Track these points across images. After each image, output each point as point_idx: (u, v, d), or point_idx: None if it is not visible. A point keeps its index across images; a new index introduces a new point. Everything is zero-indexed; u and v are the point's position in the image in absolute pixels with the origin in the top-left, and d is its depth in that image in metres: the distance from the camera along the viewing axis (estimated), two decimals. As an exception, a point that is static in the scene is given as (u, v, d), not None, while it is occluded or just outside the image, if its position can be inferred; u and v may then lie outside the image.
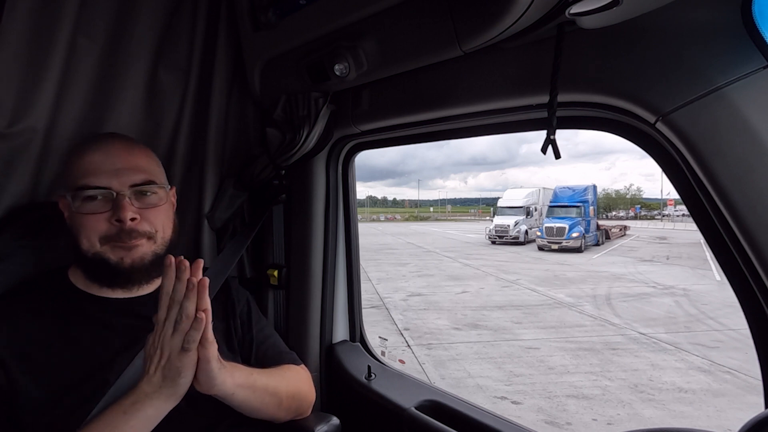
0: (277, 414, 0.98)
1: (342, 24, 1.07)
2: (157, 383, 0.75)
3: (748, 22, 0.65)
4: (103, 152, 0.85)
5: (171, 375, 0.75)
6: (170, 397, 0.76)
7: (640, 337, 7.19)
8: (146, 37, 1.29)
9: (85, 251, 0.86)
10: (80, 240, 0.85)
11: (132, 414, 0.74)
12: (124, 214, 0.82)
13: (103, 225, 0.83)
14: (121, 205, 0.82)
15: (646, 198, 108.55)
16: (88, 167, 0.84)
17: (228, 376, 0.81)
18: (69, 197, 0.84)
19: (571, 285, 11.50)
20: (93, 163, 0.84)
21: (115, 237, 0.84)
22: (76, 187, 0.82)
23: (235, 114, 1.51)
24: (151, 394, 0.75)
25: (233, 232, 1.50)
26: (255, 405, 0.90)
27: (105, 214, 0.83)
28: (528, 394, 5.15)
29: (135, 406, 0.74)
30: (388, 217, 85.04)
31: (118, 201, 0.83)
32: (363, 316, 1.67)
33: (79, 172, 0.83)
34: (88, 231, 0.83)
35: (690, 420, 4.52)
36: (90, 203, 0.83)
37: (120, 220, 0.83)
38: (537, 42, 0.89)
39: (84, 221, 0.83)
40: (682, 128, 0.71)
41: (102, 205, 0.83)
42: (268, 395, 0.92)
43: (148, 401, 0.75)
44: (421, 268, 14.62)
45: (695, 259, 16.20)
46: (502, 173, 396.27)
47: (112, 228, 0.83)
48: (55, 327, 0.86)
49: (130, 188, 0.85)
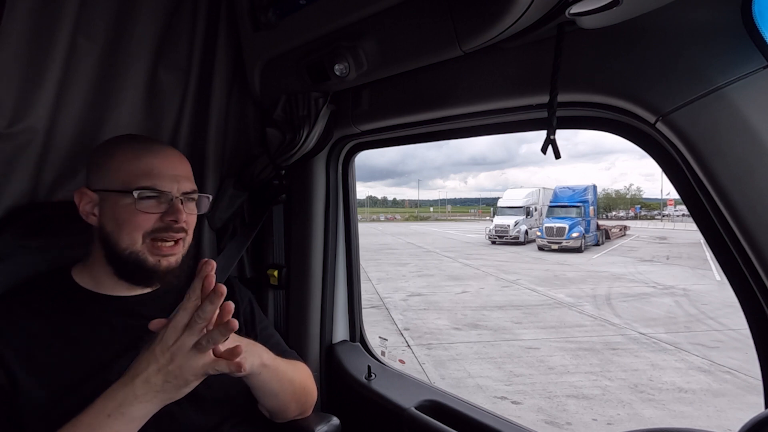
0: (289, 403, 0.99)
1: (342, 24, 1.07)
2: (157, 386, 0.74)
3: (748, 22, 0.65)
4: (163, 158, 0.91)
5: (176, 383, 0.74)
6: (165, 401, 0.75)
7: (640, 337, 7.19)
8: (146, 37, 1.29)
9: (123, 248, 0.87)
10: (121, 236, 0.87)
11: (117, 417, 0.72)
12: (182, 217, 0.89)
13: (151, 222, 0.88)
14: (178, 209, 0.89)
15: (646, 198, 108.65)
16: (151, 170, 0.88)
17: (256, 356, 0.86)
18: (135, 194, 0.86)
19: (571, 285, 11.50)
20: (156, 167, 0.88)
21: (161, 231, 0.88)
22: (139, 186, 0.86)
23: (235, 114, 1.51)
24: (143, 396, 0.73)
25: (233, 232, 1.50)
26: (275, 388, 0.92)
27: (157, 215, 0.88)
28: (528, 394, 5.15)
29: (120, 409, 0.72)
30: (388, 217, 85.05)
31: (175, 205, 0.89)
32: (363, 316, 1.67)
33: (140, 172, 0.87)
34: (135, 227, 0.86)
35: (690, 420, 4.52)
36: (147, 202, 0.87)
37: (175, 221, 0.88)
38: (537, 42, 0.89)
39: (136, 217, 0.86)
40: (682, 128, 0.71)
41: (156, 205, 0.88)
42: (287, 381, 0.95)
43: (137, 404, 0.73)
44: (421, 268, 14.62)
45: (695, 259, 16.20)
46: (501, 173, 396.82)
47: (160, 224, 0.88)
48: (57, 326, 0.86)
49: (182, 195, 0.91)
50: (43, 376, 0.81)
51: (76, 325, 0.87)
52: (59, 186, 1.17)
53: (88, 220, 0.91)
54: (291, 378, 0.97)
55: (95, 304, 0.91)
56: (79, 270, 0.95)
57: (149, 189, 0.87)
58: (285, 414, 1.01)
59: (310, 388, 1.07)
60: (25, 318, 0.85)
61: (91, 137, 1.22)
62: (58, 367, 0.82)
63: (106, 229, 0.89)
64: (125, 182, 0.87)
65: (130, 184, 0.87)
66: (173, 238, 0.90)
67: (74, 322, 0.87)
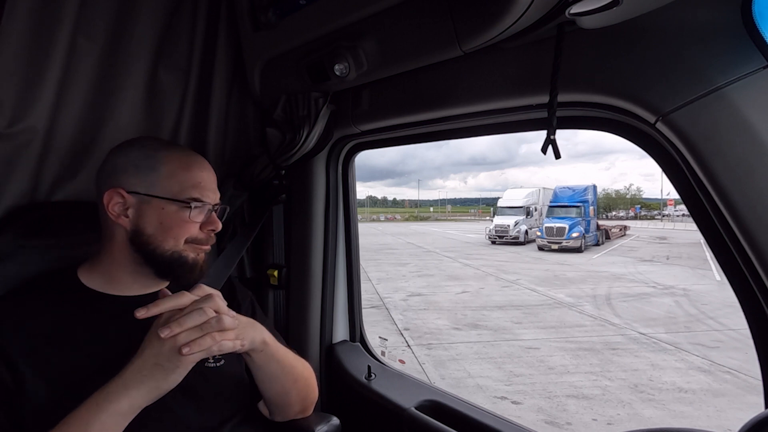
0: (291, 392, 0.99)
1: (342, 24, 1.07)
2: (146, 371, 0.73)
3: (748, 22, 0.65)
4: (209, 172, 0.99)
5: (168, 366, 0.73)
6: (151, 392, 0.74)
7: (640, 337, 7.19)
8: (146, 37, 1.29)
9: (167, 249, 0.92)
10: (166, 239, 0.92)
11: (104, 407, 0.71)
12: (219, 226, 0.98)
13: (194, 229, 0.95)
14: (215, 220, 0.97)
15: (646, 198, 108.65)
16: (201, 182, 0.95)
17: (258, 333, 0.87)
18: (192, 205, 0.93)
19: (571, 285, 11.50)
20: (204, 180, 0.96)
21: (201, 240, 0.96)
22: (191, 196, 0.93)
23: (235, 114, 1.51)
24: (131, 384, 0.73)
25: (233, 232, 1.50)
26: (276, 370, 0.93)
27: (197, 223, 0.95)
28: (528, 394, 5.15)
29: (109, 398, 0.72)
30: (388, 217, 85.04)
31: (213, 216, 0.97)
32: (363, 316, 1.67)
33: (192, 183, 0.94)
34: (181, 232, 0.92)
35: (690, 420, 4.52)
36: (194, 211, 0.93)
37: (213, 230, 0.97)
38: (537, 42, 0.89)
39: (183, 224, 0.93)
40: (682, 128, 0.71)
41: (199, 215, 0.95)
42: (288, 365, 0.96)
43: (125, 392, 0.72)
44: (421, 268, 14.62)
45: (695, 259, 16.20)
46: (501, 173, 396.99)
47: (201, 234, 0.96)
48: (63, 325, 0.86)
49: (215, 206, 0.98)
50: (47, 375, 0.81)
51: (82, 324, 0.87)
52: (59, 186, 1.17)
53: (118, 221, 0.90)
54: (292, 363, 0.98)
55: (101, 303, 0.91)
56: (86, 270, 0.94)
57: (199, 201, 0.93)
58: (286, 406, 1.00)
59: (312, 383, 1.07)
60: (30, 317, 0.85)
61: (91, 137, 1.22)
62: (62, 367, 0.82)
63: (145, 232, 0.91)
64: (176, 191, 0.92)
65: (180, 193, 0.92)
66: (208, 244, 0.97)
67: (79, 322, 0.87)
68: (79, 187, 1.18)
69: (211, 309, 0.78)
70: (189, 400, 0.86)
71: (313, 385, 1.07)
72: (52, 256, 1.04)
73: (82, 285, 0.92)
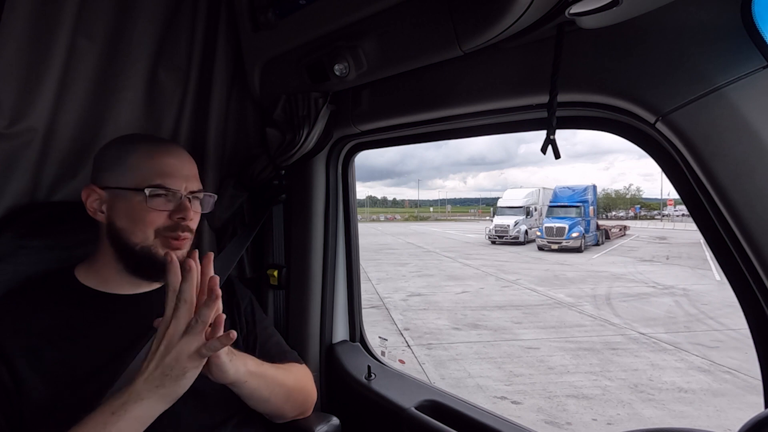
0: (284, 407, 0.99)
1: (342, 24, 1.07)
2: (156, 381, 0.74)
3: (748, 22, 0.65)
4: (177, 158, 0.94)
5: (174, 374, 0.74)
6: (164, 399, 0.75)
7: (639, 337, 7.19)
8: (146, 37, 1.29)
9: (136, 243, 0.89)
10: (134, 232, 0.89)
11: (120, 415, 0.72)
12: (190, 214, 0.92)
13: (162, 219, 0.90)
14: (187, 207, 0.92)
15: (646, 198, 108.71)
16: (165, 169, 0.91)
17: (241, 364, 0.84)
18: (146, 192, 0.89)
19: (571, 285, 11.50)
20: (169, 166, 0.92)
21: (171, 229, 0.91)
22: (151, 184, 0.89)
23: (235, 114, 1.51)
24: (145, 393, 0.73)
25: (233, 232, 1.50)
26: (265, 394, 0.92)
27: (166, 212, 0.91)
28: (528, 394, 5.15)
29: (125, 407, 0.72)
30: (388, 217, 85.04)
31: (183, 203, 0.92)
32: (363, 316, 1.67)
33: (155, 171, 0.90)
34: (147, 224, 0.89)
35: (690, 420, 4.52)
36: (157, 200, 0.90)
37: (183, 218, 0.91)
38: (537, 42, 0.89)
39: (149, 215, 0.89)
40: (682, 128, 0.71)
41: (166, 203, 0.91)
42: (277, 386, 0.95)
43: (139, 402, 0.73)
44: (421, 268, 14.62)
45: (695, 259, 16.20)
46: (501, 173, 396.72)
47: (170, 222, 0.91)
48: (61, 324, 0.86)
49: (190, 194, 0.94)
50: (46, 374, 0.81)
51: (80, 323, 0.87)
52: (59, 186, 1.17)
53: (96, 217, 0.92)
54: (282, 382, 0.96)
55: (98, 302, 0.91)
56: (83, 269, 0.95)
57: (160, 187, 0.89)
58: (282, 417, 1.01)
59: (308, 390, 1.06)
60: (28, 315, 0.85)
61: (91, 137, 1.22)
62: (61, 365, 0.82)
63: (116, 226, 0.90)
64: (138, 180, 0.89)
65: (142, 182, 0.89)
66: (181, 237, 0.92)
67: (78, 321, 0.88)
68: (79, 187, 1.18)
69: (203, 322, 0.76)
70: (190, 400, 0.86)
71: (308, 389, 1.07)
72: (51, 256, 1.04)
73: (80, 284, 0.92)
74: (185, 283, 0.76)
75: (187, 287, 0.76)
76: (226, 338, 0.74)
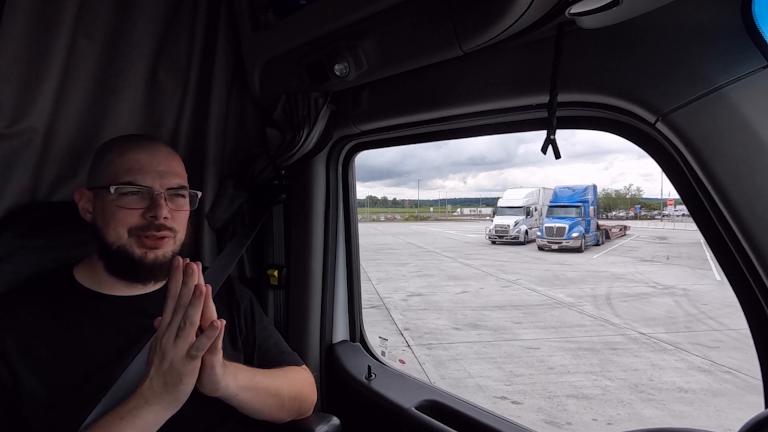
0: (279, 415, 0.99)
1: (342, 24, 1.07)
2: (158, 389, 0.74)
3: (748, 22, 0.65)
4: (149, 153, 0.90)
5: (173, 381, 0.74)
6: (170, 404, 0.76)
7: (640, 337, 7.19)
8: (146, 37, 1.29)
9: (111, 243, 0.88)
10: (108, 231, 0.87)
11: (130, 420, 0.72)
12: (161, 212, 0.87)
13: (135, 218, 0.87)
14: (159, 204, 0.87)
15: (646, 198, 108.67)
16: (134, 165, 0.87)
17: (231, 379, 0.82)
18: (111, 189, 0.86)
19: (571, 285, 11.50)
20: (139, 161, 0.88)
21: (145, 228, 0.87)
22: (119, 181, 0.86)
23: (235, 114, 1.51)
24: (151, 400, 0.74)
25: (233, 232, 1.50)
26: (257, 406, 0.91)
27: (140, 210, 0.87)
28: (528, 394, 5.15)
29: (133, 413, 0.73)
30: (388, 217, 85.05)
31: (156, 200, 0.87)
32: (363, 316, 1.67)
33: (124, 168, 0.87)
34: (118, 222, 0.87)
35: (690, 420, 4.52)
36: (128, 198, 0.87)
37: (155, 217, 0.87)
38: (537, 42, 0.89)
39: (118, 213, 0.86)
40: (682, 128, 0.71)
41: (138, 201, 0.87)
42: (270, 396, 0.94)
43: (147, 408, 0.74)
44: (421, 268, 14.62)
45: (695, 259, 16.20)
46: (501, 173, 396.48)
47: (143, 221, 0.87)
48: (60, 325, 0.86)
49: (167, 190, 0.90)
50: (45, 374, 0.81)
51: (79, 323, 0.88)
52: (59, 186, 1.17)
53: (85, 217, 0.93)
54: (276, 392, 0.95)
55: (97, 303, 0.91)
56: (81, 269, 0.95)
57: (129, 184, 0.86)
58: (277, 422, 1.01)
59: (305, 394, 1.06)
60: (27, 315, 0.85)
61: (91, 137, 1.22)
62: (60, 366, 0.82)
63: (96, 225, 0.90)
64: (111, 178, 0.88)
65: (114, 181, 0.87)
66: (155, 236, 0.88)
67: (77, 321, 0.88)
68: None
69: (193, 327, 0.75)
70: (190, 400, 0.86)
71: (306, 393, 1.06)
72: (51, 255, 1.04)
73: (78, 284, 0.92)
74: (184, 287, 0.75)
75: (186, 292, 0.75)
76: (212, 329, 0.73)
